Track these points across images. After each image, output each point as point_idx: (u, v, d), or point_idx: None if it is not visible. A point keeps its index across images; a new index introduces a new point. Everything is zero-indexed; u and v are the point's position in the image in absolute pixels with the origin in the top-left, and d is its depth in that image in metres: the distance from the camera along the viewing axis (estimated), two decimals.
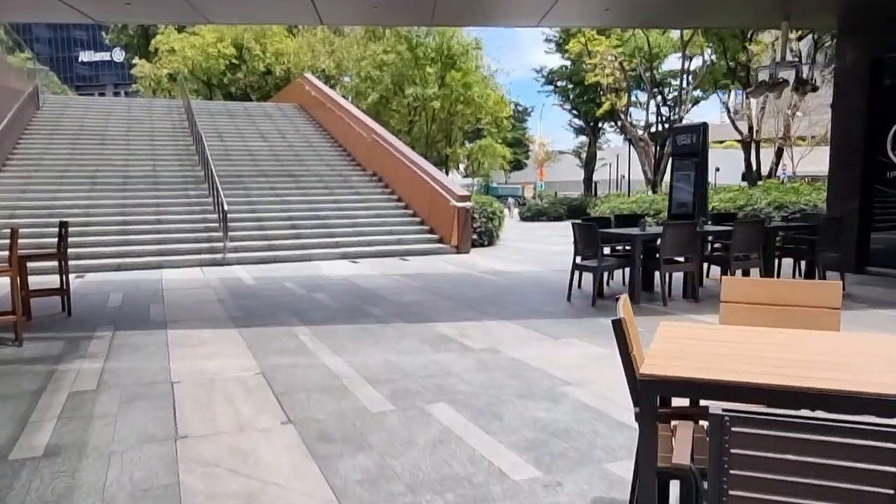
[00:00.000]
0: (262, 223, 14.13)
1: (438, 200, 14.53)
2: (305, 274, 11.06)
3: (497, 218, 15.87)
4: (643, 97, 38.42)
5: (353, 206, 15.79)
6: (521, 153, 61.12)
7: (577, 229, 8.19)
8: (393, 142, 17.48)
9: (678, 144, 13.42)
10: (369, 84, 28.12)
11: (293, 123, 23.57)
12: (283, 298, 8.63)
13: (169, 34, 40.56)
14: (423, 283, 9.84)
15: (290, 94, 28.56)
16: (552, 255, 13.76)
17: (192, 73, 41.95)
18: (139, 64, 43.84)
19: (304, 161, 19.23)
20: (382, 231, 14.54)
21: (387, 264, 12.33)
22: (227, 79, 42.18)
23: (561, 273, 10.62)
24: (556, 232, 24.42)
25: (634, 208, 15.48)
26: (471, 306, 7.95)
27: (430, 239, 14.48)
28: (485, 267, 11.76)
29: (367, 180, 17.98)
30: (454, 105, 27.62)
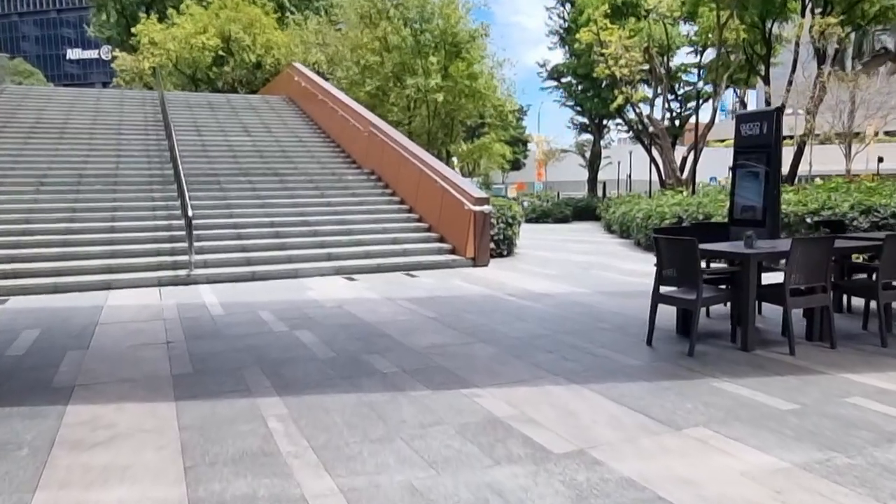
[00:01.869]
0: (239, 231, 11.79)
1: (450, 204, 12.23)
2: (289, 298, 8.73)
3: (517, 223, 13.58)
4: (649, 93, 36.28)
5: (349, 209, 13.47)
6: (519, 152, 58.93)
7: (666, 247, 5.90)
8: (393, 135, 15.17)
9: (742, 135, 11.16)
10: (367, 74, 25.72)
11: (281, 117, 21.25)
12: (254, 340, 6.30)
13: (149, 24, 38.16)
14: (440, 313, 7.53)
15: (278, 86, 26.27)
16: (584, 267, 11.47)
17: (176, 67, 39.58)
18: (120, 57, 41.38)
19: (291, 158, 16.90)
20: (384, 240, 12.22)
21: (391, 282, 10.02)
22: (213, 73, 39.77)
23: (613, 297, 8.35)
24: (569, 236, 22.15)
25: (678, 211, 13.24)
26: (518, 355, 5.64)
27: (440, 249, 12.17)
28: (514, 287, 9.46)
29: (363, 180, 15.66)
30: (458, 98, 25.26)
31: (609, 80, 35.77)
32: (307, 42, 37.30)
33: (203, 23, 38.11)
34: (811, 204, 11.21)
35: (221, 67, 39.91)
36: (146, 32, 37.77)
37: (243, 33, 38.68)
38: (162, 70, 39.72)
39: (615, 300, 8.28)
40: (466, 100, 25.31)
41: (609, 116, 44.33)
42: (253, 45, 38.63)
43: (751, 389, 4.58)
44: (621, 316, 7.28)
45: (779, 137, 10.51)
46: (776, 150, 10.46)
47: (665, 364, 5.36)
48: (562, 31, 43.56)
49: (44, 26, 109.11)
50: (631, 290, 8.98)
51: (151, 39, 37.61)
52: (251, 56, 38.80)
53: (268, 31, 39.17)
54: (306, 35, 37.72)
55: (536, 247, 15.83)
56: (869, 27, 34.61)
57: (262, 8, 39.87)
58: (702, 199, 13.39)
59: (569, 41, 42.40)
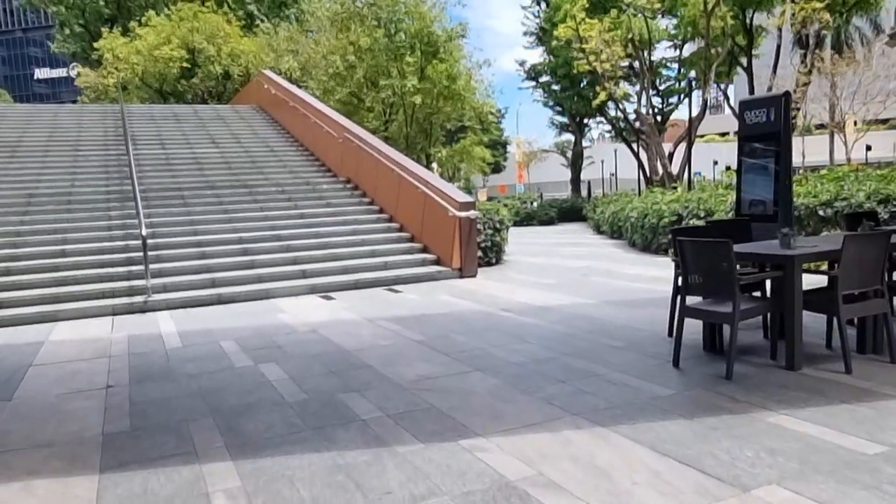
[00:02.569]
0: (204, 249, 10.79)
1: (433, 210, 11.32)
2: (257, 323, 7.76)
3: (505, 228, 12.69)
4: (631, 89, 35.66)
5: (324, 221, 12.51)
6: (499, 155, 58.24)
7: (692, 251, 5.01)
8: (370, 140, 14.23)
9: (748, 123, 10.36)
10: (339, 81, 24.76)
11: (251, 126, 20.24)
12: (211, 381, 5.33)
13: (113, 39, 36.95)
14: (428, 335, 6.61)
15: (248, 95, 25.24)
16: (582, 273, 10.61)
17: (143, 81, 38.42)
18: (83, 73, 40.11)
19: (262, 169, 15.90)
20: (363, 253, 11.27)
21: (371, 300, 9.08)
22: (181, 86, 38.60)
23: (620, 308, 7.47)
24: (558, 239, 21.32)
25: (677, 209, 12.41)
26: (524, 387, 4.73)
27: (424, 261, 11.25)
28: (507, 300, 8.55)
29: (339, 189, 14.71)
30: (436, 101, 24.36)
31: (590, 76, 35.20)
32: (278, 50, 36.33)
33: (166, 33, 36.99)
34: (822, 195, 10.43)
35: (189, 80, 38.80)
36: (109, 47, 36.59)
37: (207, 44, 37.60)
38: (128, 85, 38.63)
39: (623, 311, 7.40)
40: (445, 102, 24.42)
41: (590, 115, 43.74)
42: (218, 56, 37.56)
43: (818, 425, 3.71)
44: (634, 331, 6.39)
45: (788, 124, 9.73)
46: (786, 138, 9.68)
47: (701, 392, 4.47)
48: (538, 30, 42.95)
49: (10, 46, 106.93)
50: (638, 299, 8.11)
51: (115, 54, 36.43)
52: (217, 67, 37.73)
53: (233, 40, 38.11)
54: (277, 42, 36.74)
55: (526, 252, 14.95)
56: (851, 13, 34.34)
57: (224, 16, 38.76)
58: (701, 195, 12.60)
59: (546, 40, 41.79)
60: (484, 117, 30.41)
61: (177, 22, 36.98)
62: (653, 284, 9.18)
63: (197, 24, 37.25)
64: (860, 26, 40.22)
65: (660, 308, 7.32)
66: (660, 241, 12.72)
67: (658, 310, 7.25)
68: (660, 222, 12.62)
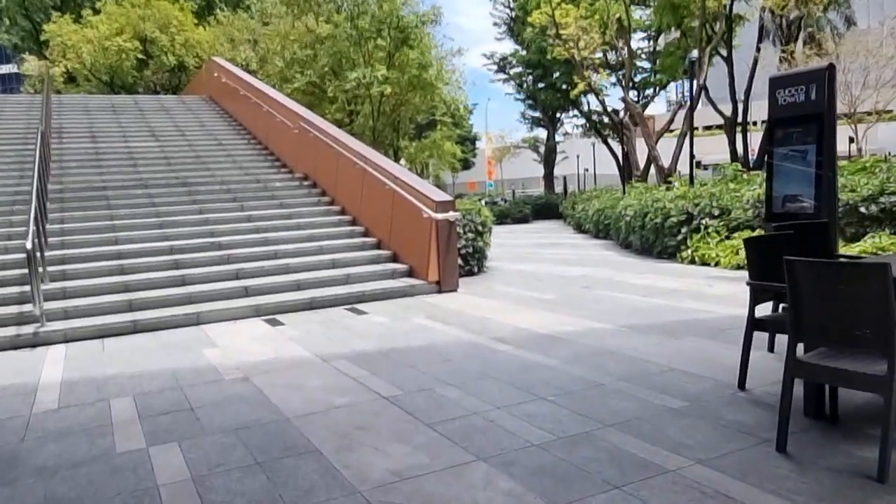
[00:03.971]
0: (124, 262, 8.81)
1: (404, 211, 9.50)
2: (173, 365, 5.84)
3: (487, 231, 10.92)
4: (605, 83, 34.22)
5: (275, 225, 10.62)
6: (468, 151, 56.52)
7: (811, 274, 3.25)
8: (328, 129, 12.34)
9: (780, 104, 8.70)
10: (297, 69, 22.73)
11: (198, 118, 18.18)
12: (64, 487, 3.44)
13: (62, 24, 34.28)
14: (403, 387, 4.79)
15: (198, 85, 23.11)
16: (583, 285, 8.87)
17: (92, 73, 35.82)
18: (28, 61, 37.35)
19: (207, 164, 13.91)
20: (320, 264, 9.39)
21: (329, 325, 7.22)
22: (131, 78, 36.10)
23: (649, 336, 5.71)
24: (538, 239, 19.64)
25: (685, 206, 10.70)
26: (558, 501, 2.95)
27: (394, 272, 9.41)
28: (501, 324, 6.77)
29: (294, 186, 12.79)
30: (405, 91, 22.46)
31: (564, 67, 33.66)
32: (235, 39, 34.10)
33: (119, 23, 34.50)
34: (862, 189, 8.86)
35: (142, 71, 36.36)
36: (57, 33, 33.91)
37: (160, 33, 35.23)
38: (77, 76, 36.01)
39: (658, 343, 5.66)
40: (415, 93, 22.53)
41: (563, 109, 42.29)
42: (171, 46, 35.21)
43: None
44: (688, 378, 4.65)
45: (833, 103, 8.05)
46: (831, 120, 8.00)
47: None
48: (509, 20, 41.34)
49: None
50: (667, 323, 6.39)
51: (64, 42, 33.83)
52: (170, 58, 35.36)
53: (187, 30, 35.75)
54: (234, 32, 34.49)
55: (508, 257, 13.20)
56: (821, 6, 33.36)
57: (175, 3, 36.33)
58: (713, 191, 10.98)
59: (517, 30, 40.20)
60: (456, 110, 28.56)
61: (129, 9, 34.52)
62: (674, 300, 7.48)
63: (149, 11, 34.88)
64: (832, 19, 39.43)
65: (704, 338, 5.63)
66: (665, 244, 11.06)
67: (704, 342, 5.54)
68: (665, 222, 10.96)
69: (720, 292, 7.84)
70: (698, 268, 9.87)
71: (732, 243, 9.67)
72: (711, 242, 10.00)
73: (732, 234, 9.96)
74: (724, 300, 7.34)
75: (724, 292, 7.82)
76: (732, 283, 8.40)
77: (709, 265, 9.89)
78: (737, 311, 6.58)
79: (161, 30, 35.29)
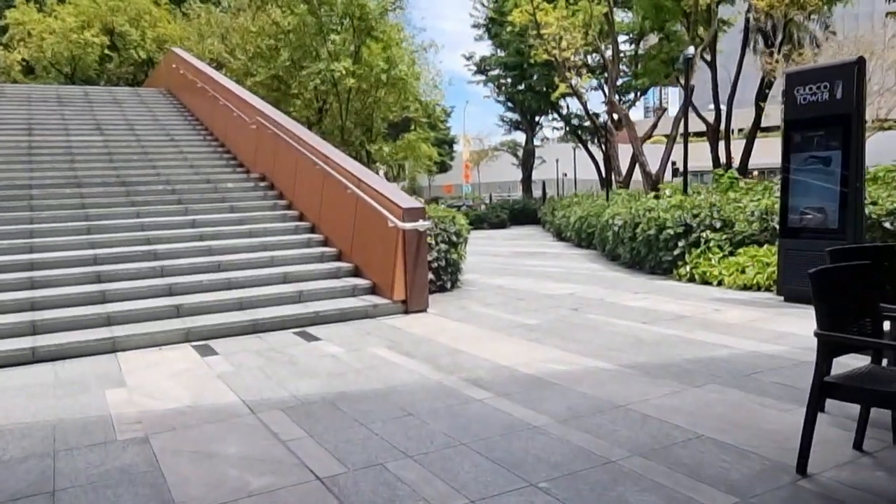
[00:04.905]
0: (34, 275, 7.49)
1: (368, 219, 8.29)
2: (57, 415, 4.55)
3: (462, 241, 9.75)
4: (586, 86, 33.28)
5: (222, 232, 9.34)
6: (445, 154, 55.36)
7: None
8: (288, 126, 11.08)
9: (799, 104, 7.73)
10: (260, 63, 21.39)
11: (152, 112, 16.78)
12: None
13: (25, 12, 32.45)
14: (347, 459, 3.58)
15: (158, 78, 21.74)
16: (572, 306, 7.73)
17: (52, 65, 34.07)
18: None
19: (154, 162, 12.57)
20: (270, 279, 8.15)
21: (272, 356, 5.98)
22: (93, 71, 34.41)
23: (658, 382, 4.47)
24: (517, 247, 18.53)
25: (682, 217, 9.60)
26: None
27: (355, 289, 8.18)
28: (477, 360, 5.58)
29: (249, 188, 11.52)
30: (375, 88, 21.21)
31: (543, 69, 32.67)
32: (204, 34, 32.59)
33: (87, 15, 32.82)
34: (885, 202, 7.83)
35: (104, 65, 34.70)
36: (20, 21, 32.10)
37: (130, 27, 33.62)
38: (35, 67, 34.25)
39: (671, 389, 4.53)
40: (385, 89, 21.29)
41: (542, 112, 41.36)
42: (142, 41, 33.62)
43: None
44: (723, 452, 3.49)
45: (861, 103, 7.07)
46: (859, 122, 7.02)
47: None
48: (487, 21, 40.28)
49: None
50: (680, 362, 5.26)
51: (27, 30, 32.06)
52: (140, 53, 33.78)
53: (160, 25, 34.18)
54: (203, 27, 32.98)
55: (486, 269, 12.06)
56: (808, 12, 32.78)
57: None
58: (713, 200, 9.91)
59: (495, 32, 39.17)
60: (431, 110, 27.37)
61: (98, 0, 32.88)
62: (682, 329, 6.37)
63: (121, 3, 33.27)
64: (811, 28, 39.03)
65: (729, 387, 4.53)
66: (659, 259, 9.97)
67: (731, 392, 4.43)
68: (660, 234, 9.88)
69: (732, 319, 6.75)
70: (699, 287, 8.79)
71: (737, 260, 8.60)
72: (713, 259, 8.93)
73: (737, 250, 8.90)
74: (740, 330, 6.24)
75: (737, 319, 6.73)
76: (743, 307, 7.32)
77: (710, 284, 8.81)
78: (760, 348, 5.50)
79: (132, 23, 33.74)
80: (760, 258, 8.36)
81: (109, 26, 33.59)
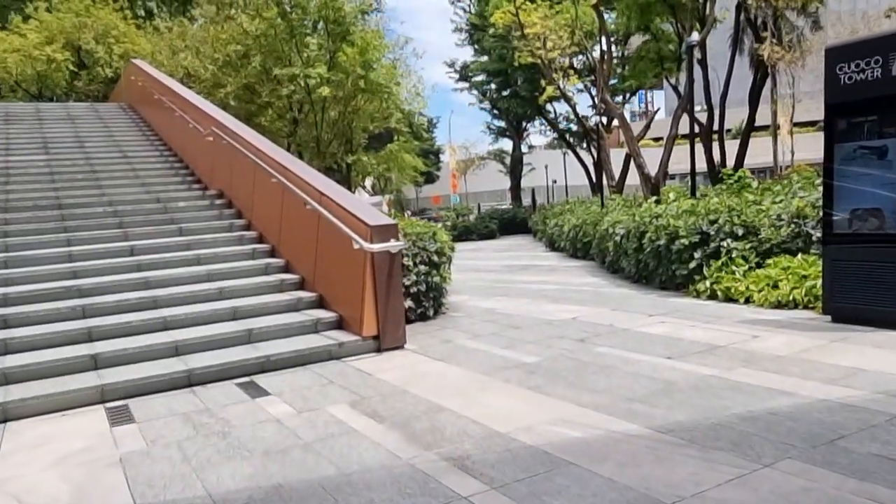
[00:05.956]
0: None
1: (332, 239, 6.99)
2: None
3: (446, 260, 8.46)
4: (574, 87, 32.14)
5: (164, 260, 8.02)
6: (431, 164, 54.14)
7: None
8: (245, 136, 9.76)
9: (843, 84, 6.47)
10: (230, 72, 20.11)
11: (107, 127, 15.47)
12: None
13: None
14: None
15: (119, 92, 20.52)
16: (576, 338, 6.42)
17: (19, 84, 32.69)
18: None
19: (100, 181, 11.24)
20: (215, 314, 6.81)
21: (199, 423, 4.65)
22: (60, 90, 33.03)
23: (713, 459, 3.18)
24: (509, 260, 17.24)
25: (697, 224, 8.32)
26: None
27: (317, 324, 6.85)
28: (461, 422, 4.27)
29: (204, 207, 10.20)
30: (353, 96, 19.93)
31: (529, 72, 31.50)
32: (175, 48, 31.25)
33: (51, 31, 31.49)
34: None
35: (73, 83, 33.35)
36: None
37: (96, 44, 32.28)
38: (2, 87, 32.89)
39: (730, 471, 3.22)
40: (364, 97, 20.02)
41: (528, 118, 40.28)
42: (109, 58, 32.26)
43: None
44: None
45: None
46: None
47: None
48: (469, 26, 39.21)
49: None
50: (727, 417, 3.97)
51: None
52: (107, 70, 32.42)
53: (127, 40, 32.84)
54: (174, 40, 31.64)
55: (475, 288, 10.79)
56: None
57: (119, 12, 33.50)
58: (731, 203, 8.65)
59: (477, 37, 38.09)
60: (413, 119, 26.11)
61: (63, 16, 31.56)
62: (719, 367, 5.07)
63: (88, 19, 31.96)
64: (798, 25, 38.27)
65: (812, 464, 3.24)
66: (672, 272, 8.69)
67: (816, 471, 3.13)
68: (671, 244, 8.60)
69: (778, 349, 5.47)
70: (723, 306, 7.51)
71: (767, 273, 7.33)
72: (738, 271, 7.66)
73: (765, 261, 7.64)
74: (793, 366, 4.96)
75: (784, 349, 5.45)
76: (785, 331, 6.05)
77: (735, 301, 7.54)
78: (831, 395, 4.22)
79: (98, 40, 32.42)
80: (795, 270, 7.11)
81: (75, 43, 32.28)
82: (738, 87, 31.22)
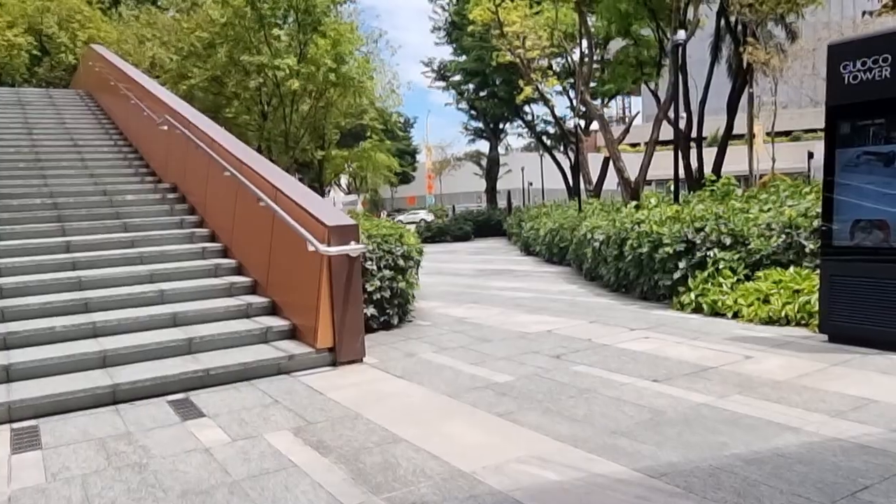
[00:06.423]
0: None
1: (286, 241, 6.34)
2: None
3: (412, 264, 7.86)
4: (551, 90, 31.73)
5: (104, 257, 7.29)
6: (407, 165, 53.47)
7: None
8: (199, 124, 9.05)
9: (848, 84, 5.94)
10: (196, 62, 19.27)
11: (60, 115, 14.59)
12: None
13: None
14: None
15: (79, 79, 19.60)
16: (552, 353, 5.85)
17: None
18: None
19: (44, 172, 10.43)
20: (153, 321, 6.10)
21: (114, 450, 3.97)
22: (20, 76, 31.81)
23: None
24: (482, 264, 16.66)
25: (681, 232, 7.81)
26: None
27: (268, 332, 6.18)
28: (419, 459, 3.66)
29: (154, 201, 9.45)
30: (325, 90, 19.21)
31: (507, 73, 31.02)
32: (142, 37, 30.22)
33: (12, 15, 30.32)
34: None
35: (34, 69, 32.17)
36: None
37: (59, 29, 31.16)
38: None
39: None
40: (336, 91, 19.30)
41: (506, 119, 39.82)
42: (72, 44, 31.13)
43: None
44: None
45: None
46: None
47: None
48: (448, 24, 38.65)
49: None
50: (727, 457, 3.41)
51: None
52: (69, 56, 31.29)
53: (92, 26, 31.71)
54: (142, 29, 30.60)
55: (445, 294, 10.20)
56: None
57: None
58: (719, 211, 8.15)
59: (456, 36, 37.54)
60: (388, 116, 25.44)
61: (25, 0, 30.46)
62: (712, 393, 4.53)
63: (50, 2, 30.84)
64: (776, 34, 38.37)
65: None
66: (654, 283, 8.17)
67: None
68: (655, 252, 8.09)
69: (774, 373, 4.94)
70: (710, 320, 7.00)
71: (757, 286, 6.83)
72: (725, 284, 7.16)
73: (754, 273, 7.15)
74: (793, 394, 4.44)
75: (781, 373, 4.92)
76: (779, 351, 5.54)
77: (723, 315, 7.03)
78: (842, 431, 3.68)
79: (61, 25, 31.29)
80: (788, 284, 6.61)
81: (37, 27, 31.12)
82: (714, 96, 31.09)
